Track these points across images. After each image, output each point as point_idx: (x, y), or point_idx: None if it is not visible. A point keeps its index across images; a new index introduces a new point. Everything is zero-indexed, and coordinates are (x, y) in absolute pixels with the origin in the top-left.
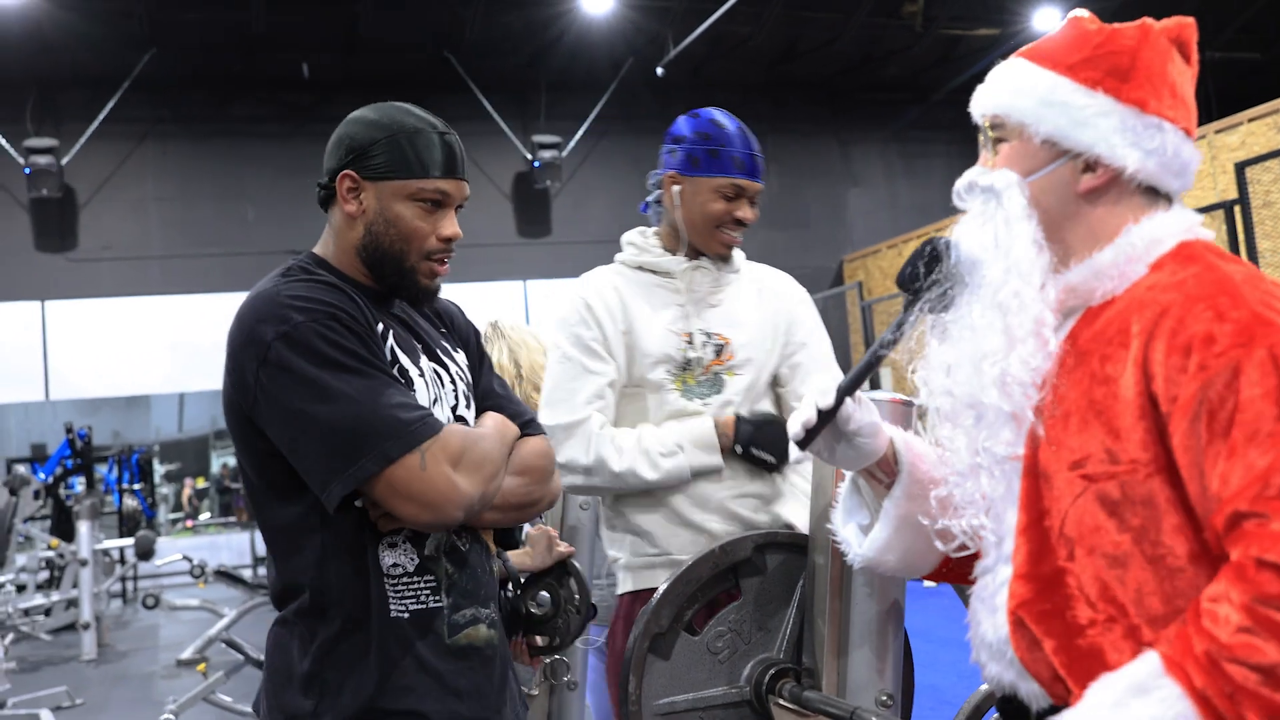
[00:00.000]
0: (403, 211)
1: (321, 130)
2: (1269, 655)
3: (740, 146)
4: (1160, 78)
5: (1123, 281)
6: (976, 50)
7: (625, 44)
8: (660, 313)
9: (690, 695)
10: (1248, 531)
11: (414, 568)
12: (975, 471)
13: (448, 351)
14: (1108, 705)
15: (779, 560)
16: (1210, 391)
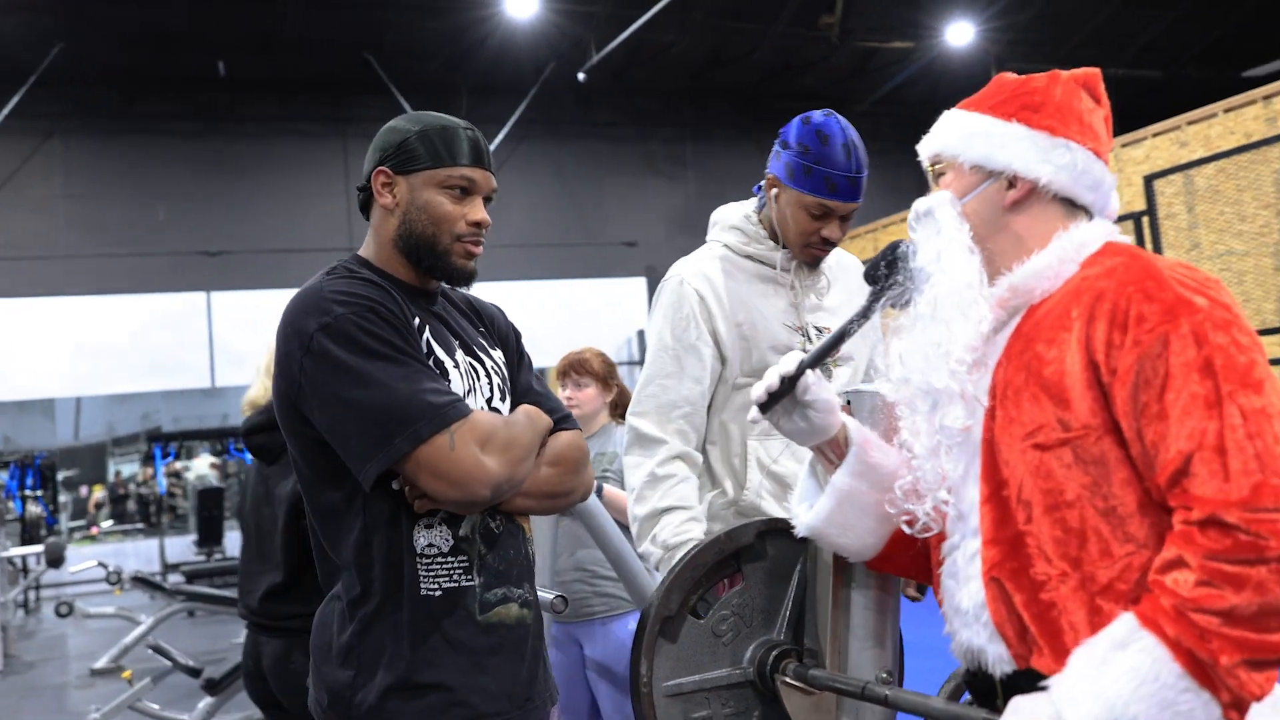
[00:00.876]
0: (433, 198)
1: (238, 130)
2: (1227, 600)
3: (839, 167)
4: (1068, 110)
5: (1057, 280)
6: (892, 62)
7: (549, 49)
8: (771, 303)
9: (696, 677)
10: (1186, 490)
11: (448, 548)
12: (935, 451)
13: (484, 348)
14: (1094, 664)
15: (779, 546)
16: (1144, 364)
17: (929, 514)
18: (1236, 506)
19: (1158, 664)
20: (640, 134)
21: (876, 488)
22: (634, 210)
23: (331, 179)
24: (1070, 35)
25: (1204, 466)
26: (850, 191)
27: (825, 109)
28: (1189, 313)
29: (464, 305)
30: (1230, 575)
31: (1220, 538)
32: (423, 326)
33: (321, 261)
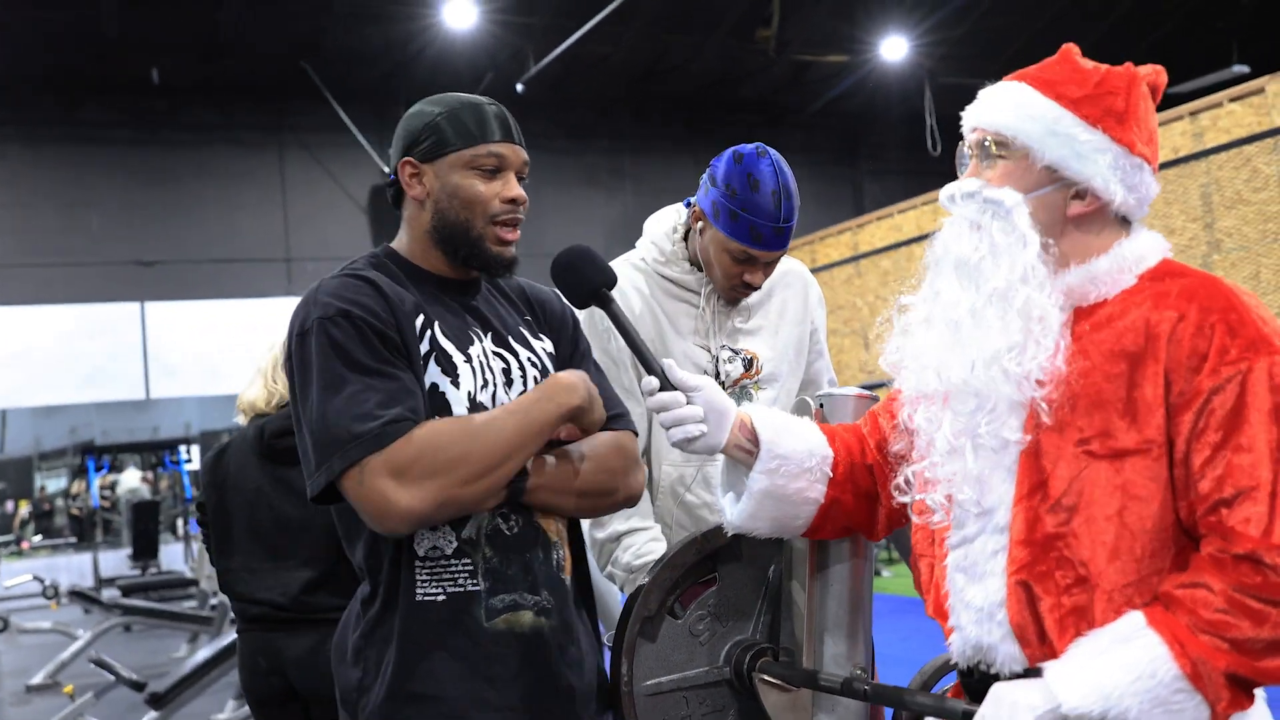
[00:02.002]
0: (462, 181)
1: (174, 138)
2: (1244, 631)
3: (766, 216)
4: (1144, 121)
5: (1113, 288)
6: (828, 75)
7: (487, 59)
8: (684, 323)
9: (675, 676)
10: (1223, 521)
11: (452, 551)
12: (958, 452)
13: (525, 338)
14: (1094, 654)
15: (754, 546)
16: (1215, 395)
17: (941, 503)
18: (1277, 549)
19: (1156, 662)
20: (578, 145)
21: (792, 476)
22: (572, 222)
23: (268, 188)
24: (1002, 50)
25: (1255, 506)
26: (776, 241)
27: (758, 144)
28: (1269, 352)
29: (515, 292)
30: (1253, 610)
31: (1252, 574)
32: (429, 322)
33: (258, 272)
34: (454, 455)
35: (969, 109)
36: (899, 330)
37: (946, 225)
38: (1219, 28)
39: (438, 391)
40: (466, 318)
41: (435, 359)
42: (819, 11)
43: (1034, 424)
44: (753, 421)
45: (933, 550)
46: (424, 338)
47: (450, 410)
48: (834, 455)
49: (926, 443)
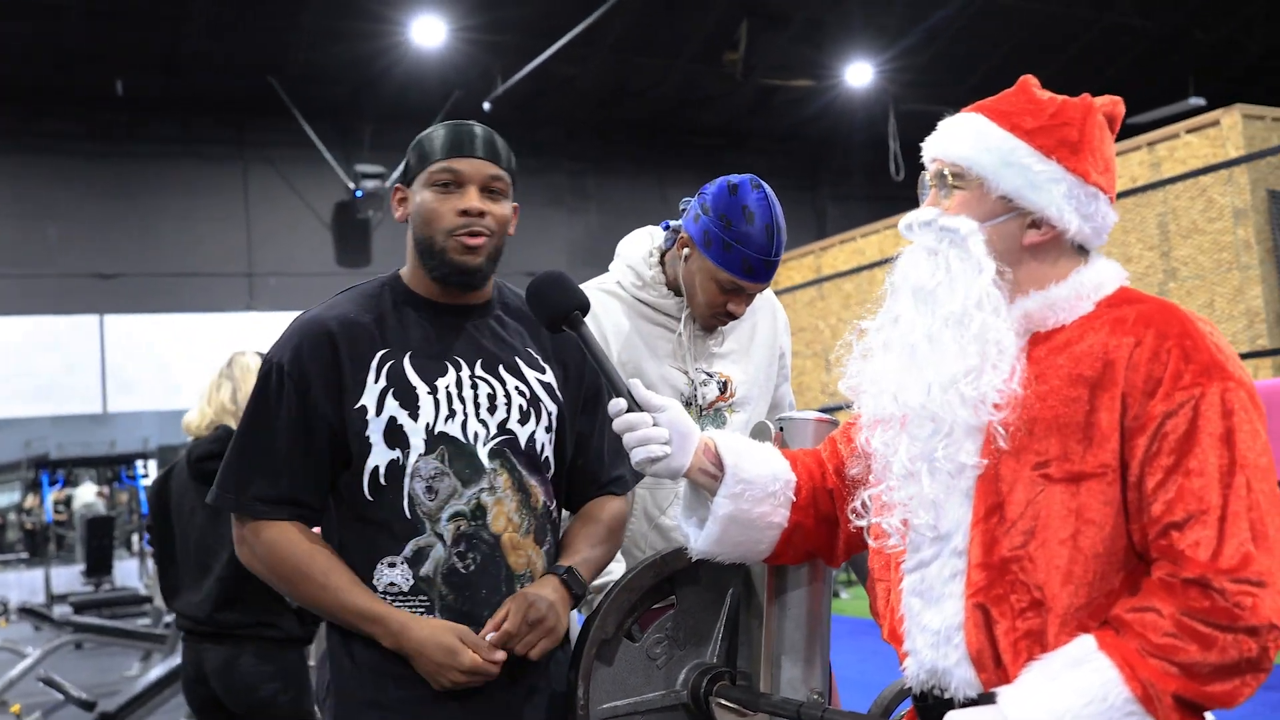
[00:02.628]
0: (423, 198)
1: (136, 150)
2: (1191, 655)
3: (758, 249)
4: (1099, 151)
5: (1071, 314)
6: (793, 100)
7: (456, 77)
8: (659, 345)
9: (631, 699)
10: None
11: (409, 587)
12: (914, 476)
13: (516, 368)
14: (1045, 678)
15: (712, 569)
16: (1169, 420)
17: (898, 528)
18: (1225, 574)
19: (1108, 685)
20: (544, 165)
21: (756, 501)
22: (536, 241)
23: (231, 203)
24: (965, 78)
25: (1204, 530)
26: (765, 274)
27: (752, 175)
28: (1222, 378)
29: (526, 316)
30: (1201, 634)
31: (1201, 598)
32: (395, 354)
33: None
34: (280, 573)
35: (928, 140)
36: (858, 355)
37: (905, 253)
38: (1176, 61)
39: (395, 424)
40: (454, 345)
41: (394, 393)
42: (785, 37)
43: (991, 448)
44: (716, 446)
45: (889, 574)
46: (381, 374)
47: (409, 441)
48: (796, 480)
49: (883, 466)
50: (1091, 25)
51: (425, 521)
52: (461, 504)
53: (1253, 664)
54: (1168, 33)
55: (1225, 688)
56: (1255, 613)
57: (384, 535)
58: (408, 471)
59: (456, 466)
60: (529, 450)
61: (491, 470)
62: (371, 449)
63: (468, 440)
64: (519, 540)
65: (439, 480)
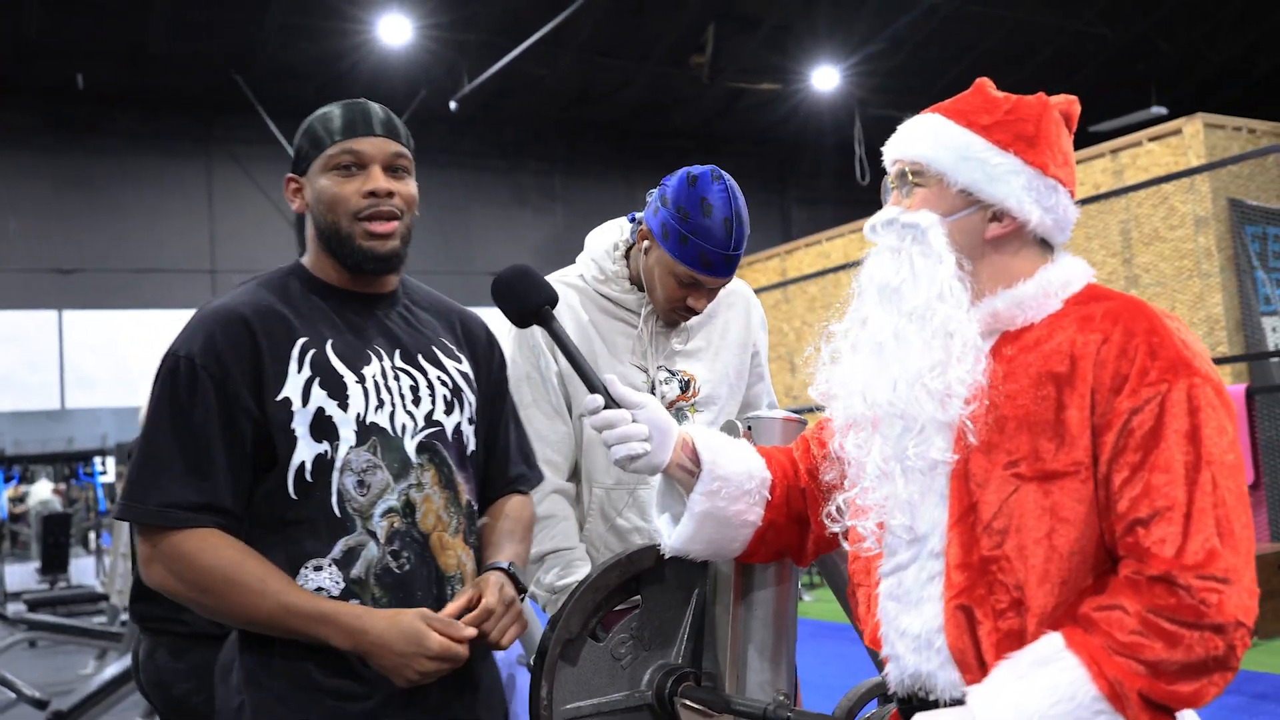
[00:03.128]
0: (324, 184)
1: (97, 144)
2: (1157, 653)
3: (716, 243)
4: (1056, 145)
5: (1039, 312)
6: (760, 104)
7: (423, 75)
8: (619, 342)
9: (595, 700)
10: (1139, 542)
11: (339, 591)
12: (890, 474)
13: (435, 357)
14: (1013, 677)
15: (678, 569)
16: (1135, 416)
17: (873, 531)
18: (1190, 570)
19: (1076, 684)
20: (510, 165)
21: (732, 499)
22: (502, 241)
23: (194, 199)
24: (931, 84)
25: (1169, 527)
26: (724, 268)
27: (713, 166)
28: (1188, 374)
29: (435, 308)
30: (1166, 632)
31: (1166, 595)
32: (316, 343)
33: (181, 283)
34: (203, 585)
35: (888, 143)
36: (827, 359)
37: (870, 255)
38: (1139, 70)
39: (324, 415)
40: (369, 334)
41: (320, 382)
42: (753, 40)
43: (962, 445)
44: (694, 442)
45: (868, 579)
46: (304, 363)
47: (338, 433)
48: (771, 478)
49: (857, 470)
50: (1057, 33)
51: (356, 519)
52: (393, 499)
53: (1220, 662)
54: (1131, 42)
55: (1192, 687)
56: (1220, 610)
57: (309, 536)
58: (337, 465)
59: (388, 459)
60: (457, 442)
61: (418, 465)
62: (297, 443)
63: (396, 433)
64: (448, 540)
65: (371, 474)
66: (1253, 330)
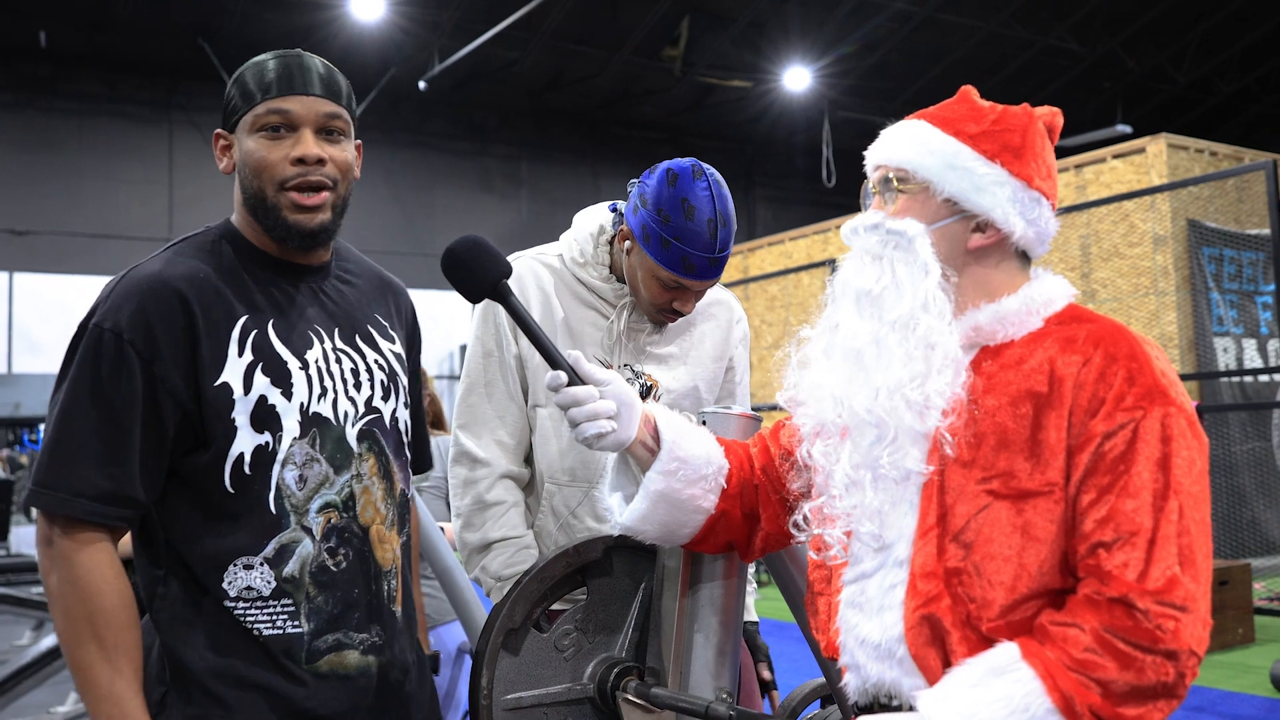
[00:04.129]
0: (251, 146)
1: (58, 106)
2: (1109, 673)
3: (701, 247)
4: (1041, 157)
5: (1020, 329)
6: (730, 100)
7: (394, 52)
8: (587, 331)
9: (536, 691)
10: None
11: (270, 591)
12: (859, 483)
13: (371, 338)
14: (968, 685)
15: (625, 562)
16: (1107, 440)
17: (840, 539)
18: (1150, 595)
19: (1030, 695)
20: (477, 148)
21: (689, 482)
22: (465, 224)
23: (155, 166)
24: (900, 90)
25: (1133, 552)
26: (710, 271)
27: (694, 160)
28: (1164, 403)
29: (370, 280)
30: (1120, 652)
31: (1124, 617)
32: (258, 323)
33: (138, 251)
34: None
35: (871, 148)
36: (796, 364)
37: (848, 260)
38: (1106, 88)
39: (266, 404)
40: (309, 312)
41: (263, 368)
42: (726, 36)
43: (937, 456)
44: (656, 420)
45: (828, 588)
46: (246, 346)
47: (281, 423)
48: (729, 467)
49: (824, 478)
50: (1028, 47)
51: (291, 514)
52: (333, 493)
53: (1168, 689)
54: (1100, 59)
55: (1137, 711)
56: (1176, 637)
57: (241, 533)
58: (279, 458)
59: (328, 451)
60: (394, 430)
61: (359, 454)
62: (236, 433)
63: (338, 421)
64: (385, 533)
65: (309, 467)
66: (1205, 350)
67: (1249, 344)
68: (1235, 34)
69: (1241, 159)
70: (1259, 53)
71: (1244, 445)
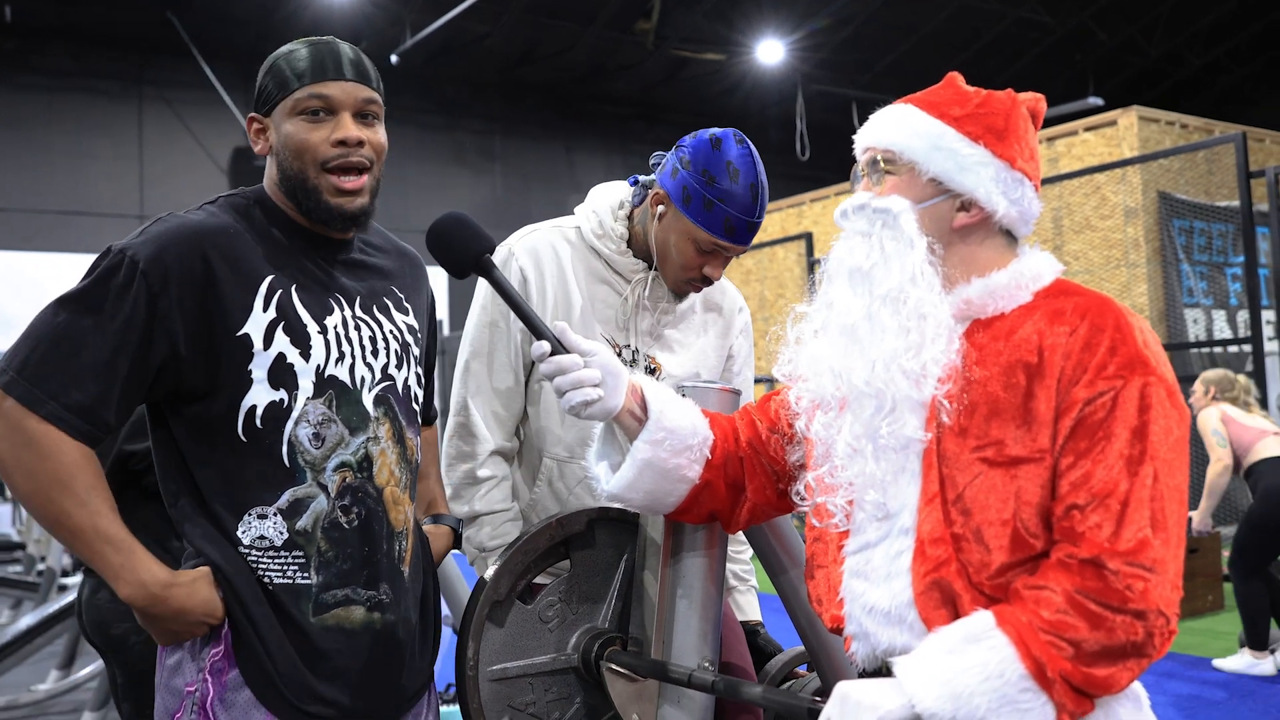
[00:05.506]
0: (290, 130)
1: (24, 81)
2: (1080, 633)
3: (743, 209)
4: (1024, 140)
5: (1010, 302)
6: (703, 74)
7: (365, 24)
8: (598, 308)
9: (522, 662)
10: (1074, 527)
11: (281, 542)
12: (859, 454)
13: (387, 309)
14: (944, 651)
15: (608, 535)
16: (1088, 406)
17: (843, 508)
18: (1120, 556)
19: (1004, 663)
20: (449, 123)
21: (675, 451)
22: (438, 200)
23: (125, 141)
24: (874, 63)
25: (1105, 514)
26: (747, 235)
27: (734, 129)
28: (1144, 373)
29: (392, 254)
30: (1090, 613)
31: (1094, 578)
32: (283, 284)
33: (108, 228)
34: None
35: (860, 132)
36: (792, 340)
37: (840, 240)
38: (1078, 60)
39: (284, 362)
40: (332, 281)
41: (284, 328)
42: (699, 9)
43: (935, 424)
44: (643, 390)
45: (828, 560)
46: (270, 303)
47: (297, 382)
48: (713, 438)
49: (824, 450)
50: (999, 19)
51: (307, 470)
52: (348, 454)
53: (1137, 648)
54: (1071, 31)
55: (1108, 670)
56: (1144, 597)
57: (256, 483)
58: (293, 415)
59: (344, 413)
60: (406, 397)
61: (375, 419)
62: (252, 385)
63: (355, 386)
64: (399, 495)
65: (326, 427)
66: (1175, 321)
67: (1219, 315)
68: (1205, 6)
69: (1212, 131)
70: (1228, 26)
71: None
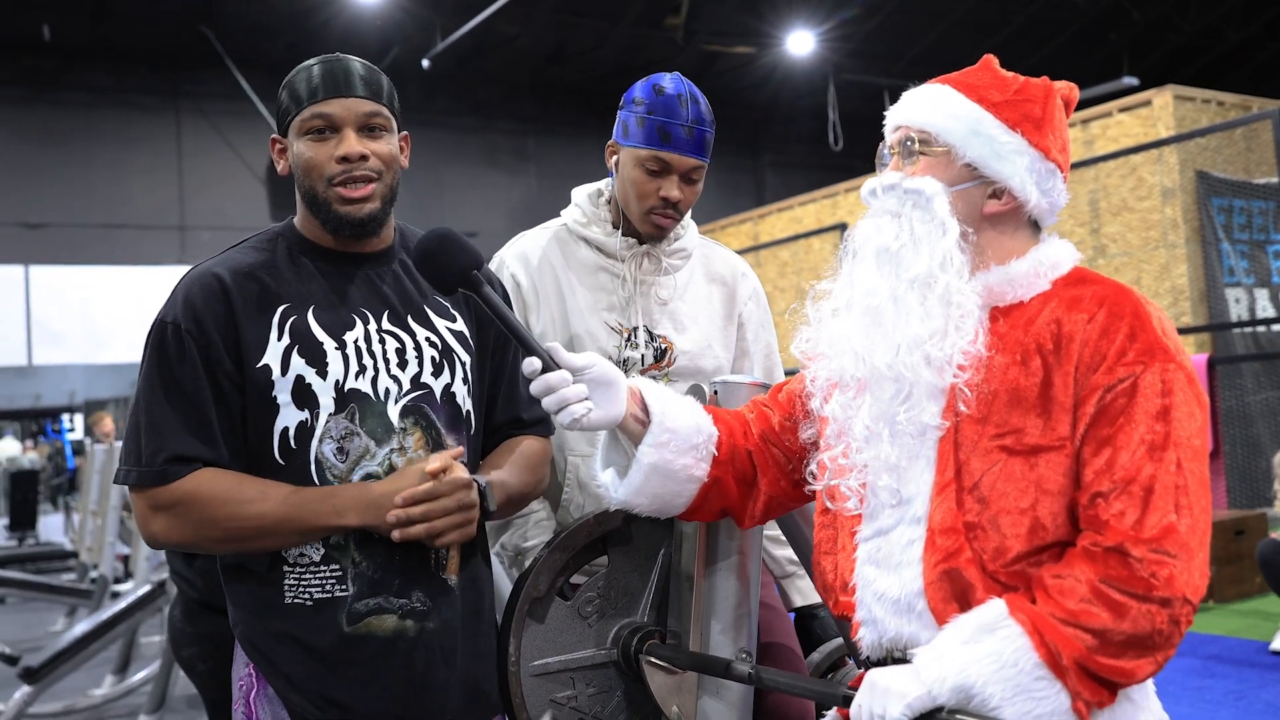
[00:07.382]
0: (300, 149)
1: (64, 98)
2: (1104, 622)
3: (674, 116)
4: (1058, 130)
5: (1029, 290)
6: (734, 67)
7: (396, 31)
8: (598, 297)
9: (562, 657)
10: (1098, 515)
11: (320, 557)
12: (876, 437)
13: (425, 317)
14: (959, 642)
15: (645, 529)
16: (1108, 393)
17: (856, 490)
18: (1145, 544)
19: (1019, 652)
20: (483, 124)
21: (680, 451)
22: (474, 201)
23: (163, 154)
24: (903, 53)
25: (1129, 501)
26: (688, 144)
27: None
28: (1164, 359)
29: None
30: (1115, 602)
31: (1119, 566)
32: (298, 309)
33: (149, 240)
34: (208, 516)
35: (893, 109)
36: (812, 319)
37: (866, 218)
38: (1111, 40)
39: (304, 383)
40: (356, 297)
41: (299, 350)
42: (728, 3)
43: (953, 412)
44: (642, 393)
45: (837, 547)
46: (284, 330)
47: (317, 400)
48: (718, 435)
49: (838, 431)
50: (1030, 2)
51: (334, 485)
52: (374, 465)
53: (1163, 637)
54: (1104, 11)
55: (1131, 663)
56: (1169, 584)
57: None
58: (316, 434)
59: (369, 425)
60: (448, 404)
61: (401, 429)
62: (279, 410)
63: (378, 398)
64: None
65: (349, 440)
66: (1216, 301)
67: (1261, 294)
68: None
69: (1249, 108)
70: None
71: (1258, 395)
